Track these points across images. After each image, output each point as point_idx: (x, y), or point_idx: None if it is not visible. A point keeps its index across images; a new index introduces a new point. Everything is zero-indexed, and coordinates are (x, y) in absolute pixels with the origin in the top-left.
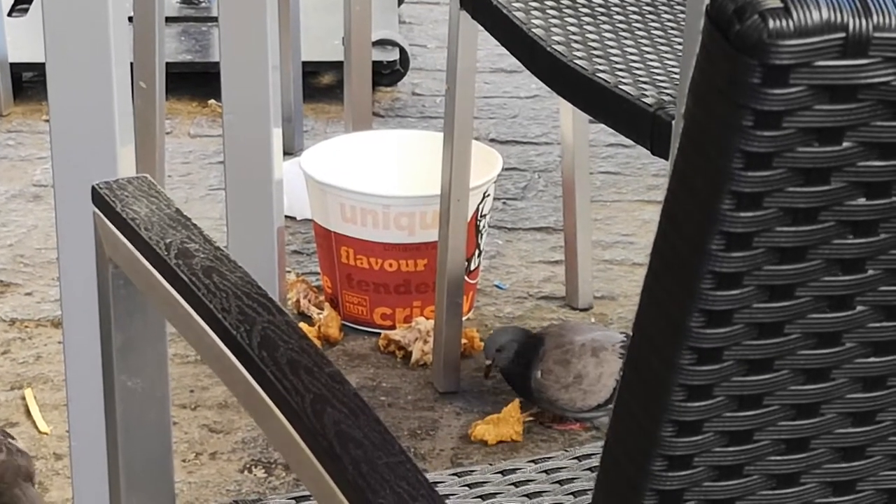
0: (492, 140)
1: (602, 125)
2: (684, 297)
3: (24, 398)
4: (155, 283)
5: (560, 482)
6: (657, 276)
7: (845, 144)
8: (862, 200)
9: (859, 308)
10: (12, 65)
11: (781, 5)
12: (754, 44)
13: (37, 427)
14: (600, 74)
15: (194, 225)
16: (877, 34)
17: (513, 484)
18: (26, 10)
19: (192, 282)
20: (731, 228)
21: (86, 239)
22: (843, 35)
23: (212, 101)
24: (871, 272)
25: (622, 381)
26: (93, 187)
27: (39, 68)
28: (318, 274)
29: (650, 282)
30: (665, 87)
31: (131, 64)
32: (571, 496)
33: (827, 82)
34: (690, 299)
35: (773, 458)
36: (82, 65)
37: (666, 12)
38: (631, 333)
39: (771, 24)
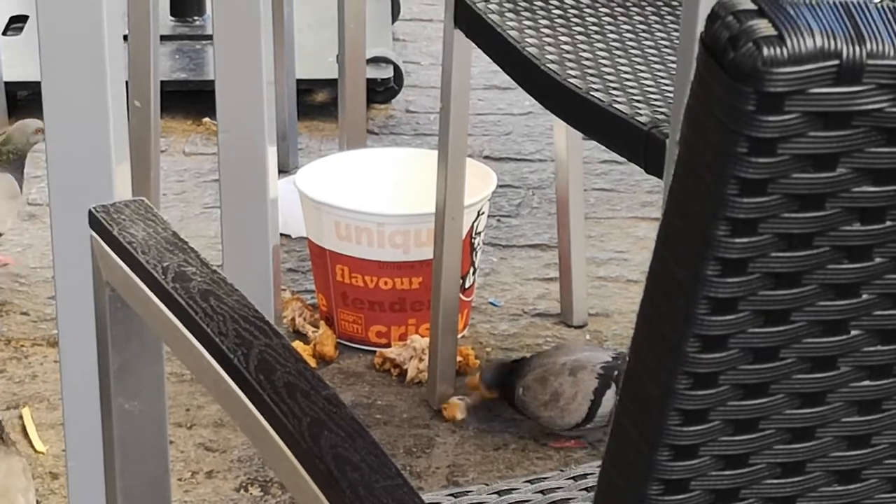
0: (486, 157)
1: (595, 142)
2: (680, 322)
3: (20, 417)
4: (152, 306)
5: (555, 503)
6: (653, 299)
7: (840, 170)
8: (857, 226)
9: (854, 332)
10: (7, 83)
11: (775, 33)
12: (749, 71)
13: (33, 446)
14: (594, 93)
15: (191, 248)
16: (870, 61)
17: None
18: (21, 29)
19: (190, 305)
20: (727, 254)
21: (82, 259)
22: (836, 62)
23: (206, 119)
24: (865, 296)
25: (619, 403)
26: (90, 211)
27: (34, 87)
28: (314, 292)
29: (646, 305)
30: (659, 106)
31: (126, 82)
32: None
33: (821, 109)
34: (686, 324)
35: (770, 481)
36: (78, 84)
37: (659, 31)
38: (625, 352)
39: (765, 51)
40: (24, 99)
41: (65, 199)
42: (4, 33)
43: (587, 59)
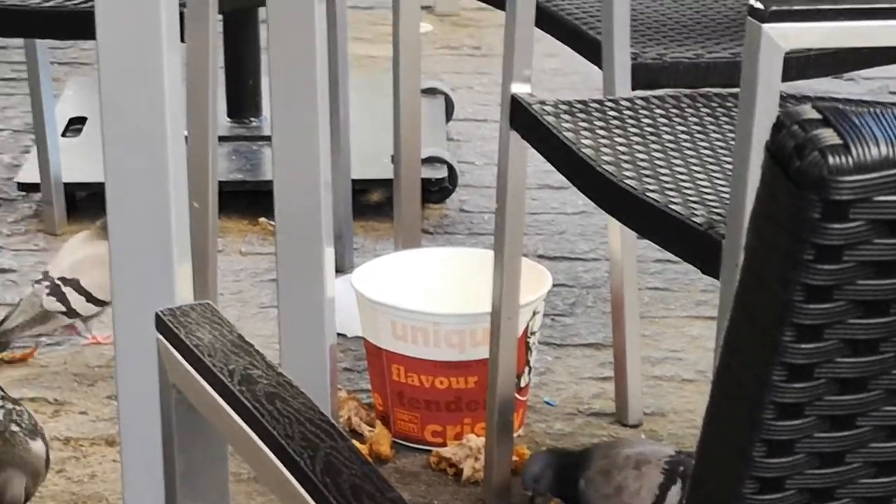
0: (540, 256)
1: (649, 241)
2: (746, 427)
3: None
4: (219, 408)
5: None
6: (719, 403)
7: None
8: None
9: None
10: (66, 184)
11: (840, 142)
12: (814, 180)
13: None
14: (650, 194)
15: (256, 351)
16: None
17: None
18: (80, 131)
19: (256, 408)
20: (793, 359)
21: (144, 360)
22: None
23: (262, 219)
24: None
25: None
26: (157, 314)
27: (93, 188)
28: (369, 391)
29: (712, 409)
30: (715, 207)
31: None
32: None
33: (886, 217)
34: (752, 429)
35: None
36: (140, 185)
37: (714, 131)
38: (688, 450)
39: (831, 160)
40: (83, 200)
41: (127, 298)
42: (64, 135)
43: (643, 159)
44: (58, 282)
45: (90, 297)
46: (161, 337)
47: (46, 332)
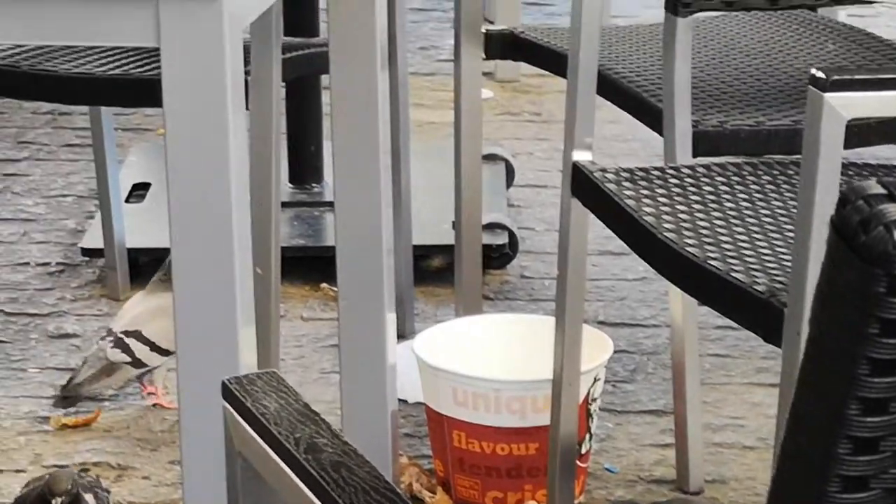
0: (600, 322)
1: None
2: (812, 499)
3: None
4: (285, 477)
5: None
6: (784, 476)
7: None
8: None
9: None
10: (129, 250)
11: None
12: (880, 254)
13: None
14: (712, 261)
15: (322, 420)
16: None
17: None
18: (143, 196)
19: (322, 476)
20: (859, 432)
21: (209, 426)
22: None
23: (324, 285)
24: None
25: None
26: (223, 382)
27: (156, 253)
28: (430, 457)
29: (777, 482)
30: (776, 275)
31: None
32: None
33: None
34: (818, 501)
35: None
36: (206, 252)
37: (776, 199)
38: None
39: None
40: (146, 265)
41: (192, 364)
42: (127, 200)
43: (704, 227)
44: (120, 335)
45: (154, 347)
46: (227, 405)
47: (115, 385)
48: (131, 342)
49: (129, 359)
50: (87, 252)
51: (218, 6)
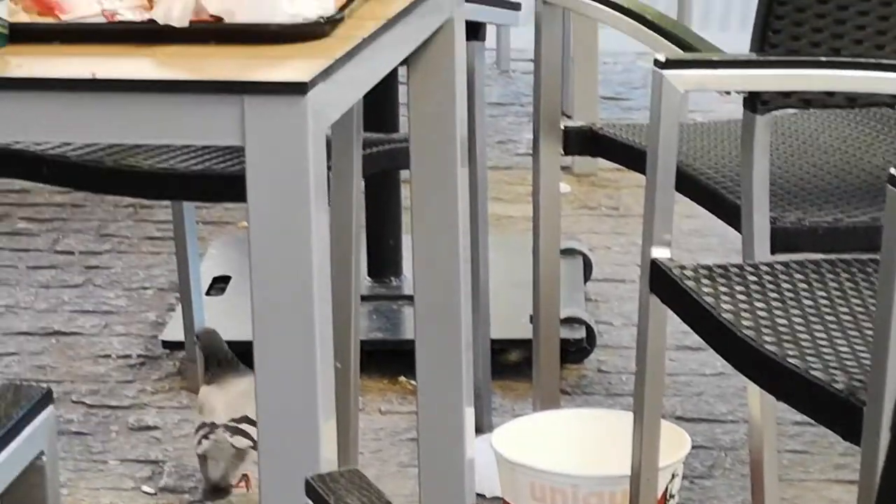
0: (678, 418)
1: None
2: None
3: None
4: None
5: None
6: None
7: None
8: None
9: None
10: None
11: None
12: None
13: None
14: (791, 359)
15: None
16: None
17: None
18: (223, 290)
19: None
20: None
21: None
22: None
23: (402, 378)
24: None
25: None
26: (307, 480)
27: (236, 346)
28: None
29: None
30: (855, 373)
31: None
32: None
33: None
34: None
35: None
36: (288, 346)
37: (854, 297)
38: None
39: None
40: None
41: (274, 457)
42: (208, 293)
43: (782, 324)
44: (231, 423)
45: None
46: (311, 502)
47: (248, 471)
48: (245, 427)
49: (251, 442)
50: (167, 345)
51: (303, 105)
